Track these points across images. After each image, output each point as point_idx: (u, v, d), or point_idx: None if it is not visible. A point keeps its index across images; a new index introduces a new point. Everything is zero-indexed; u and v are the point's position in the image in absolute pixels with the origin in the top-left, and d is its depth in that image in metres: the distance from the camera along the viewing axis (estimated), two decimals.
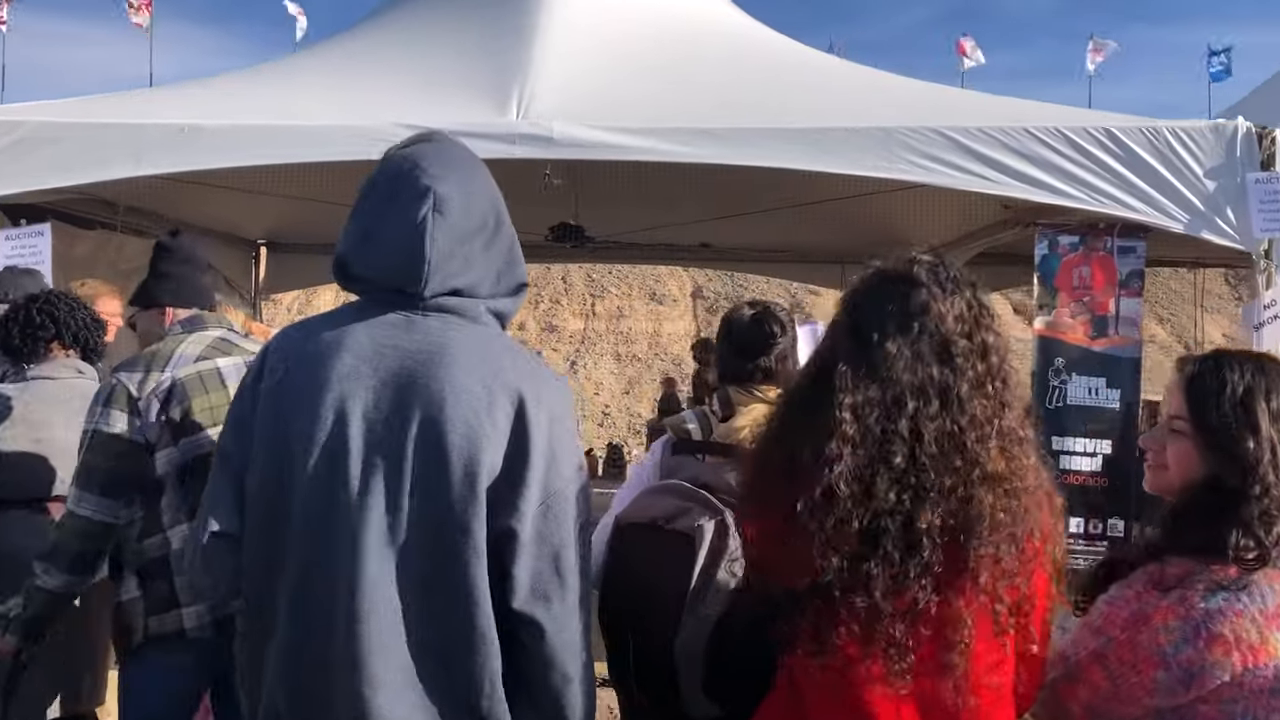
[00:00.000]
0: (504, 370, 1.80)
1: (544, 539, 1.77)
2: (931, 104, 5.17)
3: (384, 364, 1.79)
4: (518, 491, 1.75)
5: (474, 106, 4.93)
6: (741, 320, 2.61)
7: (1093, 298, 4.77)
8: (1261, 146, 4.65)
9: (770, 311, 2.61)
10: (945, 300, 1.72)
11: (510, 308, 1.98)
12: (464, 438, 1.73)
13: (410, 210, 1.81)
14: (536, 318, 16.92)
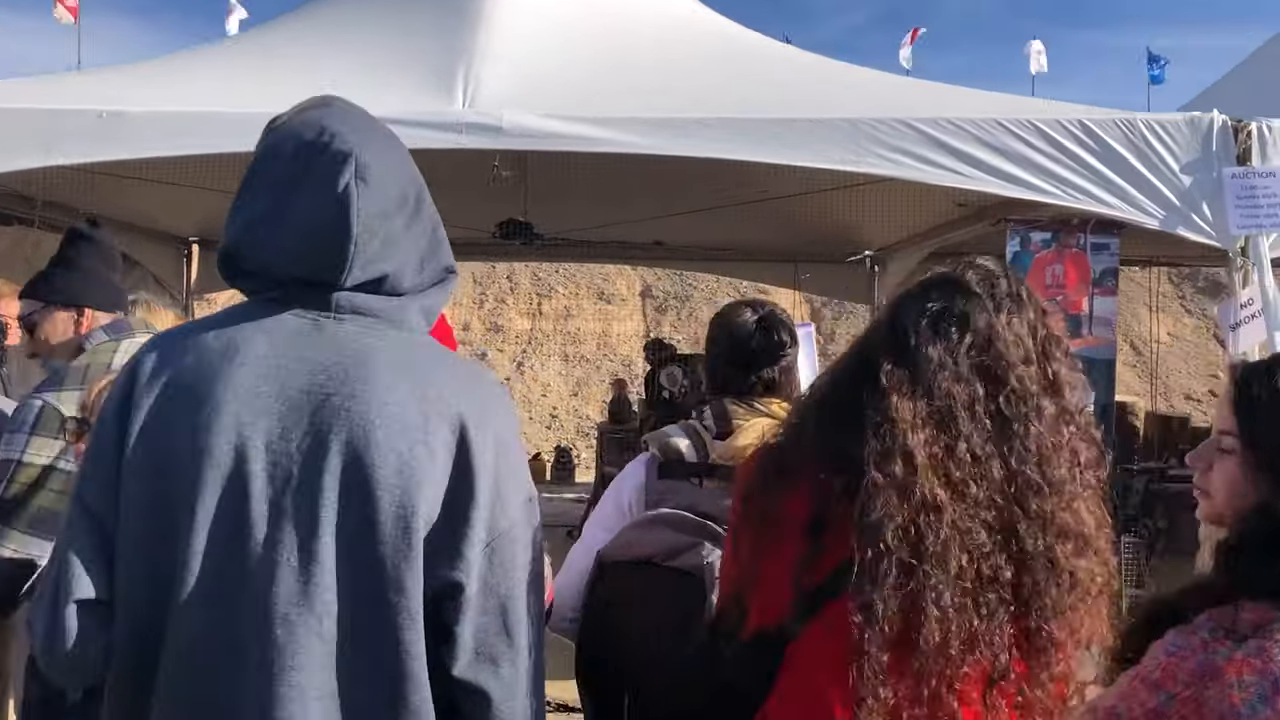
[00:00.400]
0: (441, 387, 1.48)
1: (490, 589, 1.46)
2: (899, 96, 4.97)
3: (290, 381, 1.44)
4: (461, 536, 1.43)
5: (418, 93, 4.65)
6: (745, 327, 2.26)
7: (1066, 297, 4.60)
8: (1238, 140, 4.50)
9: (777, 317, 2.29)
10: (998, 315, 1.48)
11: (438, 301, 1.64)
12: (397, 474, 1.40)
13: (329, 180, 1.49)
14: (481, 317, 16.57)
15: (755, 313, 2.29)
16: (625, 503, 2.25)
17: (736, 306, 2.35)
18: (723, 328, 2.30)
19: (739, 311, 2.31)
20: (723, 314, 2.36)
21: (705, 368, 2.34)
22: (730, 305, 2.38)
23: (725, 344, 2.28)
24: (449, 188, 7.10)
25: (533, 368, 15.53)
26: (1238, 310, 4.46)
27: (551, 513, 10.95)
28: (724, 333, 2.29)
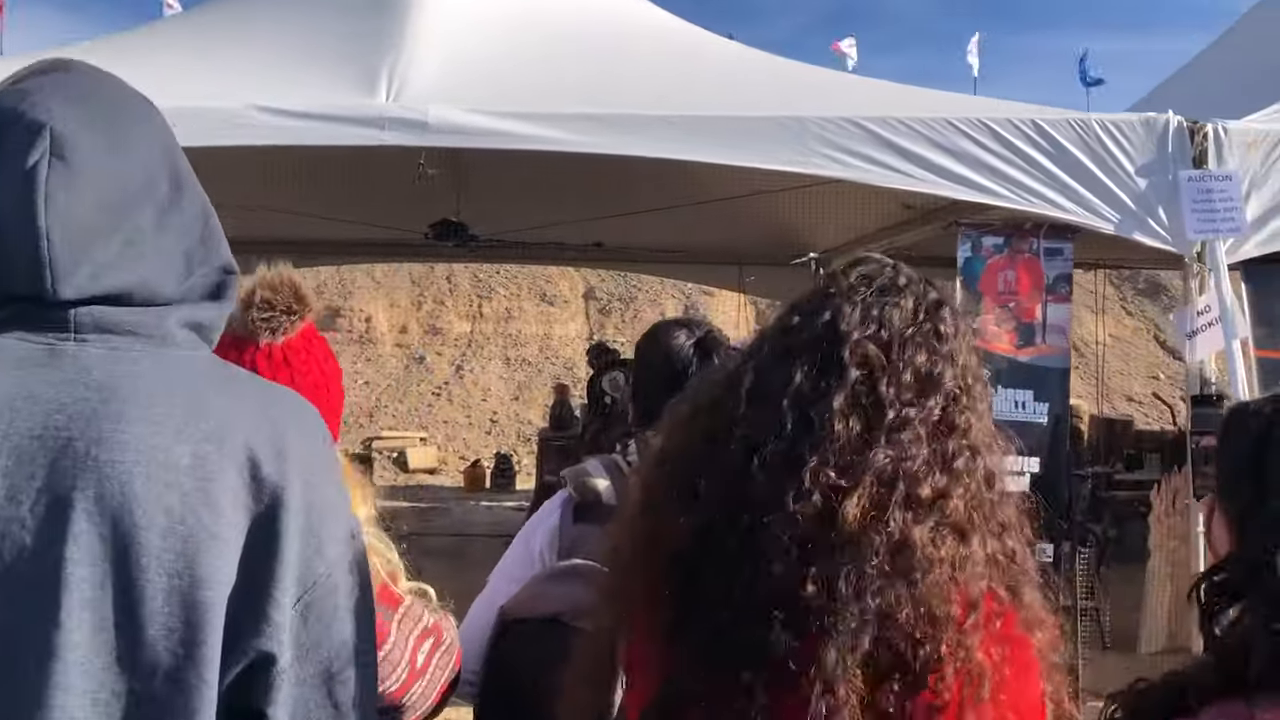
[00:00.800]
0: (222, 419, 1.16)
1: (307, 654, 1.16)
2: (847, 95, 4.77)
3: (17, 426, 1.10)
4: (266, 598, 1.13)
5: (339, 87, 4.37)
6: (679, 350, 1.97)
7: (1019, 304, 4.43)
8: (1194, 142, 4.36)
9: (715, 339, 2.01)
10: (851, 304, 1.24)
11: (215, 314, 1.27)
12: (168, 536, 1.08)
13: (16, 158, 1.15)
14: (419, 320, 16.20)
15: (691, 334, 1.99)
16: (536, 549, 1.99)
17: (669, 326, 2.05)
18: (654, 351, 2.01)
19: (672, 332, 2.01)
20: (654, 335, 2.05)
21: (631, 395, 2.08)
22: (662, 325, 2.09)
23: (657, 369, 1.98)
24: (375, 186, 6.85)
25: (473, 371, 15.20)
26: (1194, 318, 4.32)
27: (490, 521, 10.69)
28: (655, 356, 2.00)
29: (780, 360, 1.21)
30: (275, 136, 4.10)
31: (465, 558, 8.93)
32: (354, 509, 1.74)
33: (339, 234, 8.46)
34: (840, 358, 1.18)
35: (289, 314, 1.67)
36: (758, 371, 1.22)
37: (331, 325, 15.99)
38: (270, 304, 1.67)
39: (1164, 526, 6.36)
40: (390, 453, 13.54)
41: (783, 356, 1.21)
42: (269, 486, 1.13)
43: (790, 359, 1.20)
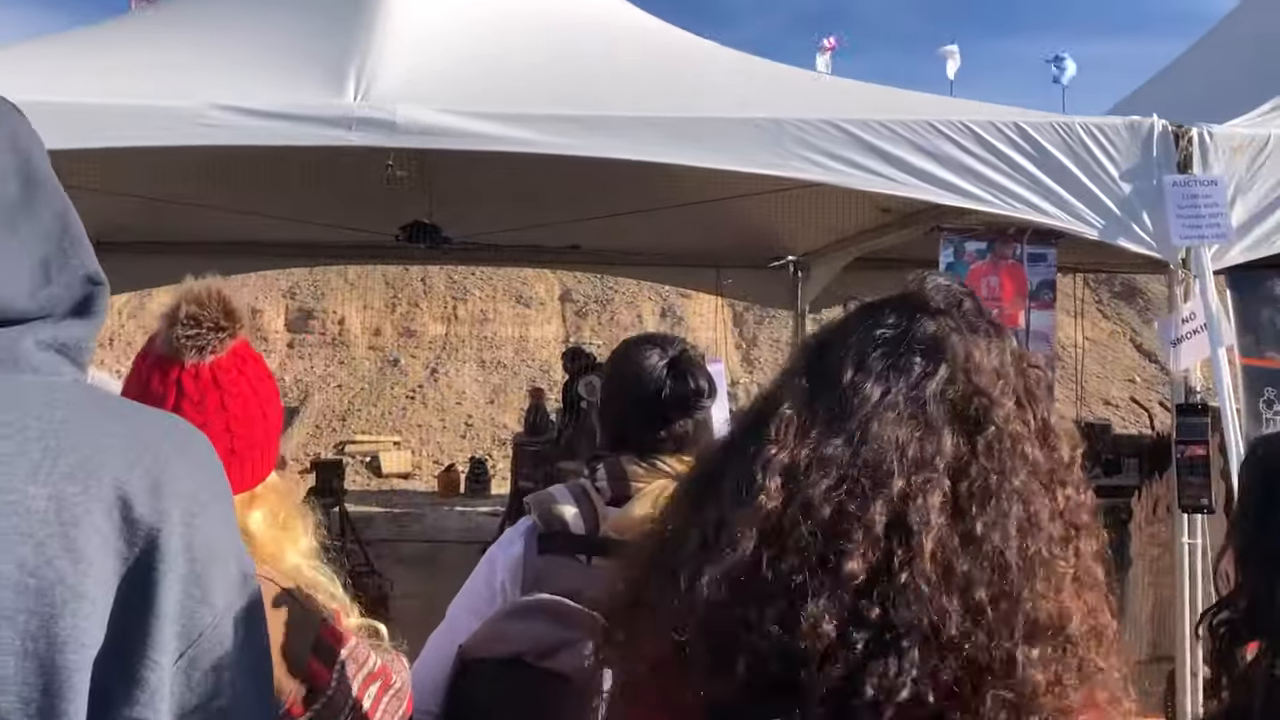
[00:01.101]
0: (88, 454, 1.01)
1: (192, 716, 1.01)
2: (826, 96, 4.68)
3: None
4: (140, 658, 0.99)
5: (304, 85, 4.23)
6: (652, 370, 1.83)
7: (1002, 310, 4.34)
8: (1179, 146, 4.29)
9: (690, 358, 1.87)
10: (975, 341, 1.04)
11: (82, 333, 1.10)
12: (21, 593, 0.94)
13: None
14: (393, 322, 16.01)
15: (664, 353, 1.86)
16: (498, 581, 1.87)
17: (640, 345, 1.91)
18: (625, 370, 1.88)
19: (644, 351, 1.87)
20: (625, 354, 1.92)
21: (599, 414, 1.96)
22: (633, 342, 1.95)
23: (628, 390, 1.86)
24: (344, 187, 6.71)
25: (447, 374, 15.03)
26: (1179, 325, 4.24)
27: (464, 528, 10.55)
28: (627, 377, 1.87)
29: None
30: (237, 137, 3.96)
31: (438, 565, 8.81)
32: (293, 543, 1.61)
33: (308, 236, 8.31)
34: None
35: (217, 331, 1.53)
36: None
37: (304, 327, 15.79)
38: (197, 320, 1.52)
39: (1145, 534, 6.30)
40: (363, 457, 13.37)
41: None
42: (143, 529, 0.99)
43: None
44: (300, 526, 1.55)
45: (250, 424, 1.48)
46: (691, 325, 16.10)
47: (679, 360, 1.85)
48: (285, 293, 16.08)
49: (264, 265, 11.25)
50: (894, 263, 9.34)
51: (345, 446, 13.55)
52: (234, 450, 1.48)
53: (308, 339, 15.57)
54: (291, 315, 15.86)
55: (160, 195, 6.63)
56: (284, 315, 15.91)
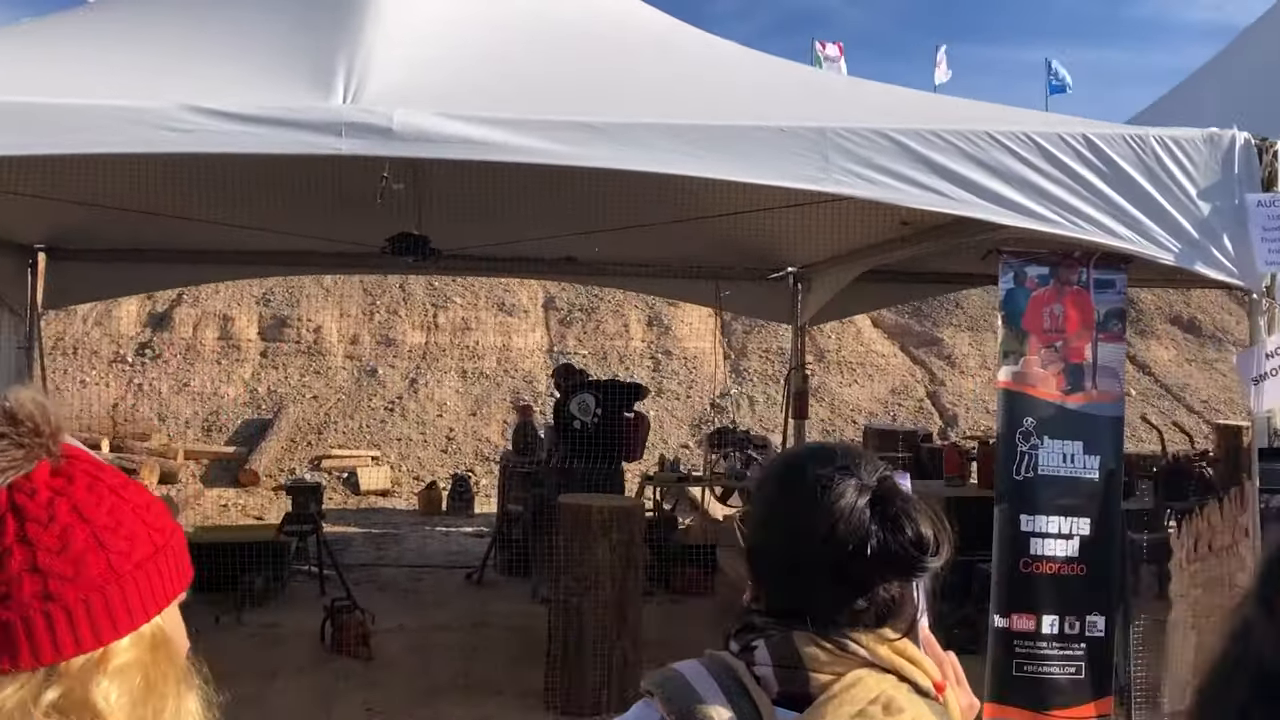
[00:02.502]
0: None
1: None
2: (869, 101, 4.23)
3: None
4: None
5: (288, 86, 3.76)
6: (849, 512, 1.22)
7: (1066, 343, 3.90)
8: (1262, 162, 3.87)
9: (898, 491, 1.25)
10: None
11: None
12: None
13: None
14: (371, 330, 15.45)
15: (860, 481, 1.24)
16: None
17: (818, 465, 1.26)
18: (801, 506, 1.25)
19: (830, 479, 1.24)
20: (796, 480, 1.28)
21: (750, 562, 1.32)
22: (804, 460, 1.32)
23: (809, 538, 1.24)
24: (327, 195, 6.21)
25: (427, 385, 14.49)
26: (1262, 360, 3.83)
27: (447, 551, 10.05)
28: (805, 516, 1.24)
29: None
30: (210, 143, 3.47)
31: (420, 593, 8.32)
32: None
33: (286, 245, 7.80)
34: None
35: (18, 448, 1.04)
36: None
37: (278, 335, 15.21)
38: None
39: (1187, 573, 5.90)
40: (340, 473, 12.81)
41: None
42: None
43: None
44: (174, 692, 1.07)
45: (75, 560, 0.99)
46: (679, 335, 15.64)
47: (888, 496, 1.24)
48: (258, 299, 15.49)
49: (236, 274, 10.73)
50: (893, 274, 8.96)
51: (321, 462, 12.98)
52: (48, 594, 0.99)
53: (282, 347, 14.99)
54: (265, 323, 15.27)
55: (123, 203, 6.10)
56: (257, 323, 15.33)
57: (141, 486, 1.10)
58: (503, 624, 7.37)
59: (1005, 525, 3.87)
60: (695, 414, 14.58)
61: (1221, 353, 16.87)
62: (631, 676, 5.80)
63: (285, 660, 6.51)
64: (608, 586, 5.67)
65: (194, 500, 12.01)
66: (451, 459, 13.10)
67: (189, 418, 13.88)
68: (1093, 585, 3.84)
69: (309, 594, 8.05)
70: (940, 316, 17.30)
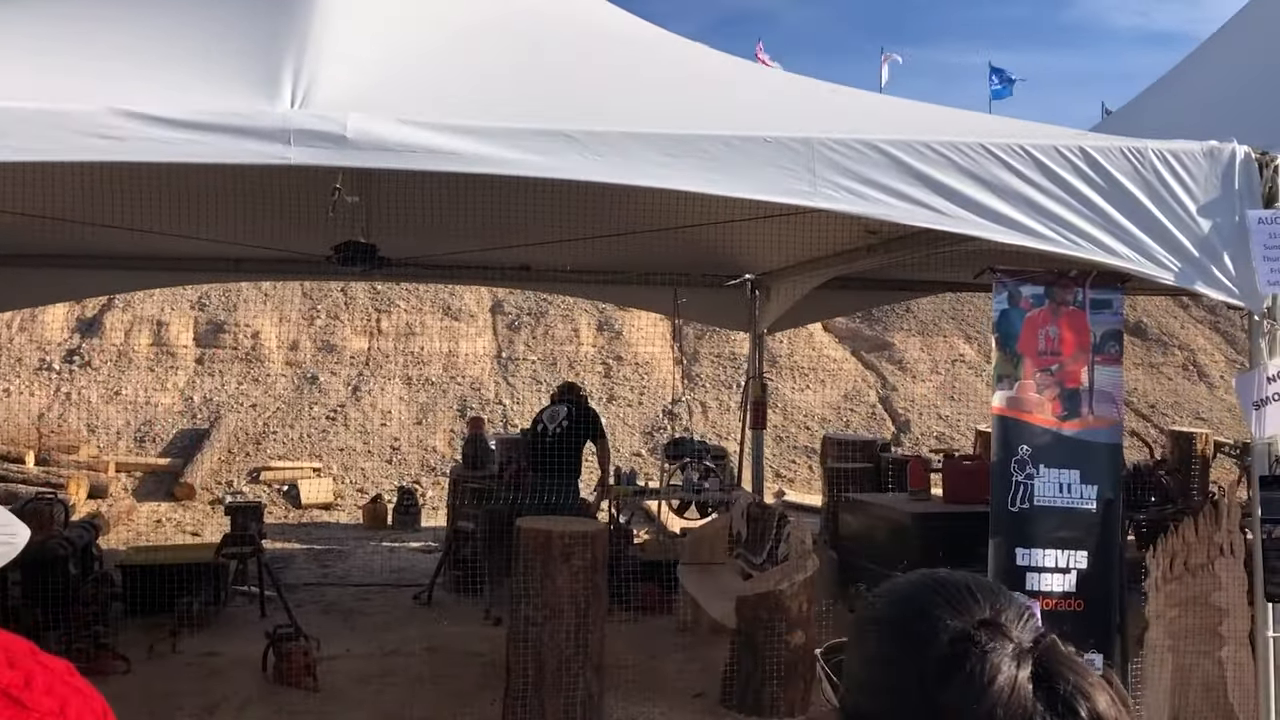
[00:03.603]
0: None
1: None
2: (854, 110, 4.01)
3: None
4: None
5: (230, 89, 3.45)
6: (1013, 694, 0.88)
7: (1062, 366, 3.72)
8: (1263, 176, 3.71)
9: (1062, 654, 0.92)
10: None
11: None
12: None
13: None
14: (312, 335, 14.97)
15: (1015, 645, 0.92)
16: None
17: (950, 615, 0.95)
18: (939, 678, 0.92)
19: (978, 643, 0.92)
20: (925, 637, 0.95)
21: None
22: (926, 604, 0.97)
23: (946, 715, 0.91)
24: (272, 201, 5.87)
25: (371, 393, 14.07)
26: (1264, 384, 3.67)
27: (394, 568, 9.69)
28: (951, 694, 0.91)
29: None
30: (144, 152, 3.15)
31: (366, 616, 7.97)
32: None
33: (224, 252, 7.42)
34: None
35: None
36: None
37: (214, 342, 14.68)
38: None
39: (1163, 593, 5.78)
40: (280, 485, 12.36)
41: None
42: None
43: None
44: None
45: None
46: (631, 340, 15.37)
47: (1053, 665, 0.91)
48: (194, 304, 14.94)
49: (171, 281, 10.28)
50: (867, 284, 8.81)
51: (260, 474, 12.52)
52: None
53: (218, 354, 14.47)
54: (201, 328, 14.73)
55: (50, 210, 5.71)
56: (192, 329, 14.78)
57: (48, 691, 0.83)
58: (456, 648, 7.06)
59: (1000, 559, 3.67)
60: (648, 421, 14.34)
61: (1167, 356, 17.02)
62: (595, 709, 5.54)
63: (225, 693, 6.14)
64: (569, 615, 5.40)
65: (125, 516, 11.50)
66: (397, 470, 12.71)
67: (120, 428, 13.33)
68: (1091, 621, 3.66)
69: (249, 617, 7.67)
70: (891, 321, 17.25)
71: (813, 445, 13.55)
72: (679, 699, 6.12)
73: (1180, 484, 9.30)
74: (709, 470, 9.36)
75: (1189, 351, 17.18)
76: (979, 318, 16.31)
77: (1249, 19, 7.50)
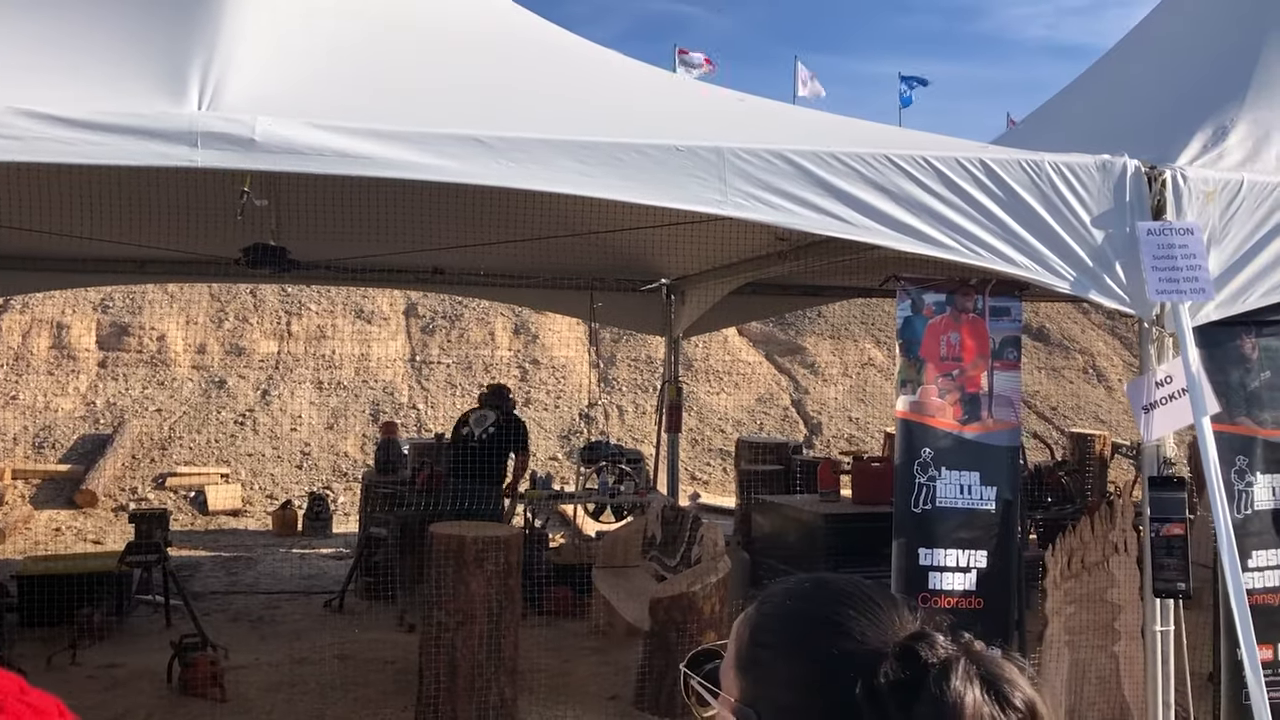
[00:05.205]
0: None
1: None
2: (763, 120, 4.08)
3: None
4: None
5: (135, 90, 3.38)
6: (957, 706, 0.85)
7: (963, 371, 3.83)
8: (1152, 189, 3.88)
9: (997, 667, 0.90)
10: None
11: None
12: None
13: None
14: (220, 339, 14.65)
15: (962, 664, 0.89)
16: None
17: (872, 622, 0.93)
18: (903, 714, 0.88)
19: (939, 674, 0.88)
20: (865, 670, 0.90)
21: None
22: (851, 632, 0.93)
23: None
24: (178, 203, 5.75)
25: (281, 397, 13.82)
26: (1152, 389, 3.83)
27: (305, 575, 9.54)
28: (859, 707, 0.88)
29: None
30: (43, 152, 3.08)
31: (276, 624, 7.83)
32: None
33: (128, 253, 7.25)
34: None
35: None
36: None
37: (118, 345, 14.28)
38: None
39: (1061, 590, 5.98)
40: (187, 492, 12.07)
41: None
42: None
43: None
44: None
45: None
46: (547, 343, 15.35)
47: (985, 667, 0.90)
48: (96, 306, 14.51)
49: (72, 283, 9.98)
50: (780, 290, 8.95)
51: (166, 480, 12.21)
52: None
53: (122, 357, 14.07)
54: (103, 331, 14.32)
55: None
56: (95, 331, 14.36)
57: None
58: (368, 655, 6.99)
59: (904, 559, 3.77)
60: (564, 425, 14.33)
61: (1068, 360, 17.55)
62: (509, 714, 5.54)
63: (128, 705, 5.99)
64: (483, 620, 5.39)
65: (22, 524, 11.13)
66: (307, 476, 12.51)
67: (17, 433, 12.90)
68: (989, 618, 3.78)
69: (153, 628, 7.50)
70: (803, 325, 17.50)
71: (727, 448, 13.68)
72: (593, 702, 6.15)
73: (1079, 484, 9.61)
74: (624, 473, 9.40)
75: (1089, 356, 17.75)
76: (888, 322, 16.64)
77: (1143, 35, 7.78)
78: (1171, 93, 6.36)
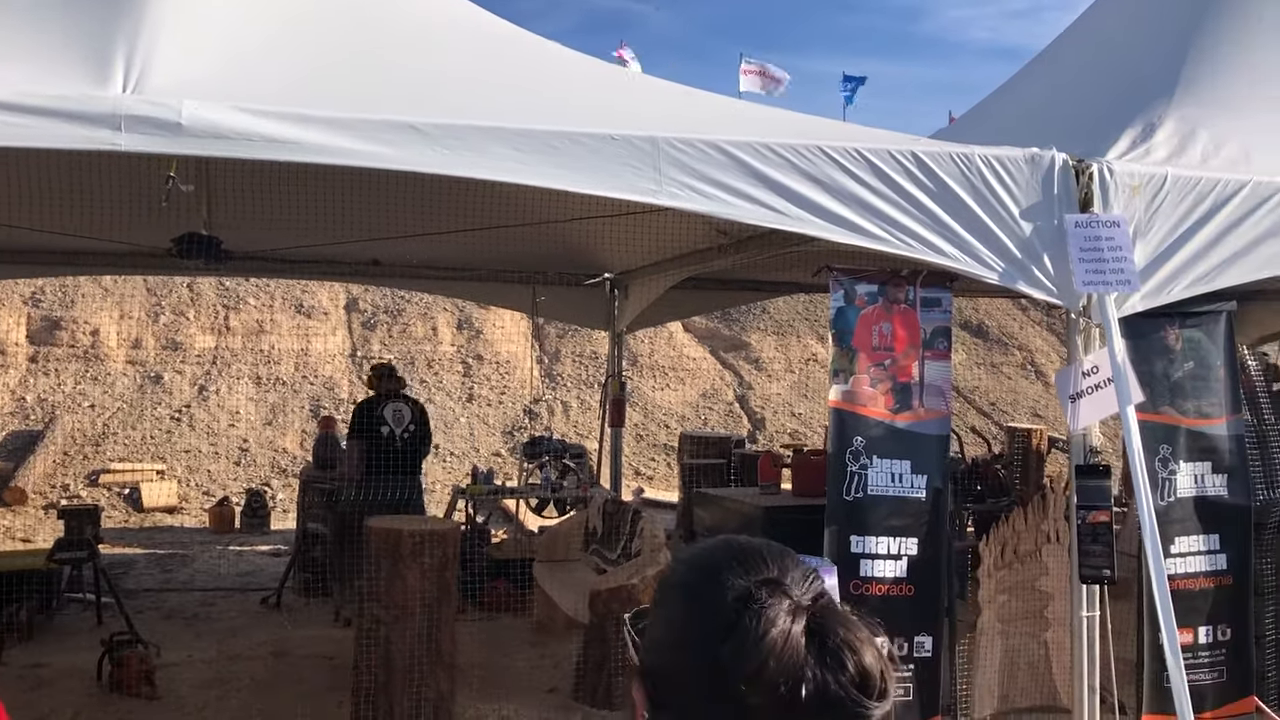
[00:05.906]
0: None
1: None
2: (701, 112, 4.09)
3: None
4: None
5: (57, 72, 3.31)
6: (778, 647, 0.92)
7: (895, 361, 3.87)
8: (1079, 183, 3.95)
9: (837, 612, 0.98)
10: None
11: None
12: None
13: None
14: (156, 333, 14.38)
15: (792, 601, 0.96)
16: None
17: (733, 575, 0.99)
18: (720, 632, 0.96)
19: (758, 599, 0.96)
20: (712, 595, 0.99)
21: (645, 688, 1.02)
22: (717, 565, 1.01)
23: (734, 676, 0.94)
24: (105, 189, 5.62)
25: (218, 392, 13.60)
26: (1079, 379, 3.90)
27: (241, 572, 9.40)
28: (730, 648, 0.94)
29: None
30: None
31: (212, 619, 7.71)
32: None
33: (55, 244, 7.08)
34: None
35: None
36: None
37: (50, 339, 13.97)
38: None
39: (994, 580, 6.07)
40: (121, 489, 11.84)
41: None
42: None
43: None
44: None
45: None
46: (491, 339, 15.27)
47: (827, 620, 0.96)
48: (27, 299, 14.18)
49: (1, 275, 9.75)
50: (723, 284, 8.98)
51: (99, 477, 11.96)
52: None
53: (54, 352, 13.76)
54: (35, 325, 13.99)
55: None
56: (25, 325, 14.03)
57: None
58: (305, 651, 6.91)
59: (836, 547, 3.81)
60: (508, 420, 14.27)
61: (1007, 356, 17.82)
62: (445, 708, 5.50)
63: (55, 704, 5.87)
64: (419, 614, 5.35)
65: None
66: (245, 472, 12.32)
67: None
68: (920, 605, 3.83)
69: (83, 626, 7.35)
70: (748, 321, 17.59)
71: (671, 443, 13.71)
72: (531, 695, 6.13)
73: (1015, 477, 9.76)
74: (567, 468, 9.39)
75: (1027, 352, 18.04)
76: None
77: (1075, 34, 7.91)
78: (1104, 90, 6.48)
